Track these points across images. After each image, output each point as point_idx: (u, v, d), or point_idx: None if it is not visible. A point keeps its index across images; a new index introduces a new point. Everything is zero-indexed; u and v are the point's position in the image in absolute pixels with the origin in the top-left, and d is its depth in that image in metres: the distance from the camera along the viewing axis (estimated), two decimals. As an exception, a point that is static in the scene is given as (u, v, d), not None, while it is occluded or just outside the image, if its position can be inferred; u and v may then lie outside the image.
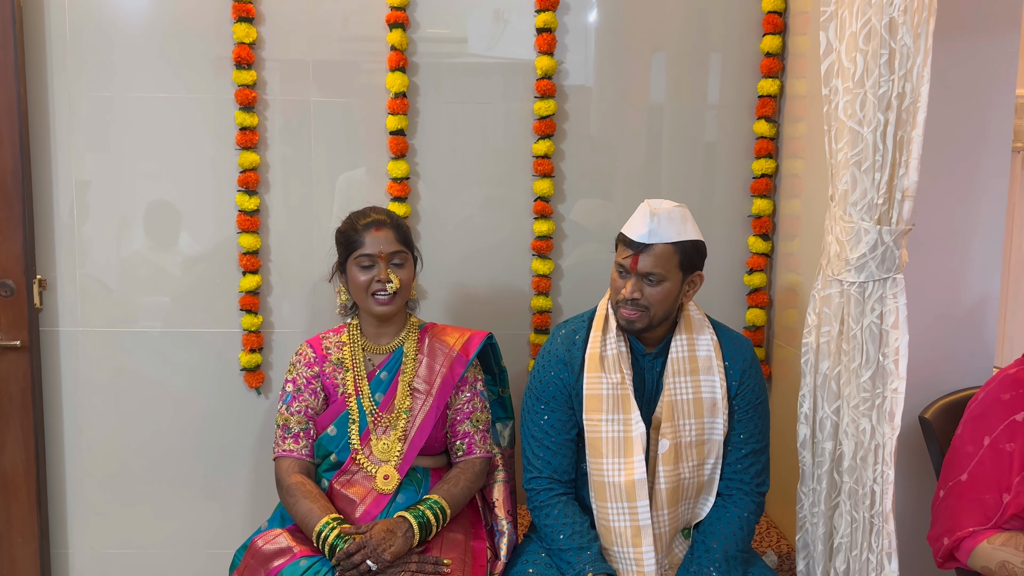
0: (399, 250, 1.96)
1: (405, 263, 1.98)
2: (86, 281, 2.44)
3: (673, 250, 1.78)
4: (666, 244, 1.77)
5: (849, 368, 1.74)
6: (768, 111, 2.46)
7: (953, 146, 1.97)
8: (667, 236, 1.77)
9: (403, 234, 1.99)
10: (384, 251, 1.94)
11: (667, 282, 1.79)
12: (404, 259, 1.97)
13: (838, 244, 1.74)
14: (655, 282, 1.79)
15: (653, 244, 1.77)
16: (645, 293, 1.79)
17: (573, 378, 1.90)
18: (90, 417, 2.50)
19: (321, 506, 1.86)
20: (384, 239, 1.95)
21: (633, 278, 1.80)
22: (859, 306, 1.71)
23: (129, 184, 2.42)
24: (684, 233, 1.79)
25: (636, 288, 1.79)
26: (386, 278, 1.93)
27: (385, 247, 1.94)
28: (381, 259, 1.94)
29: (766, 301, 2.54)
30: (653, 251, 1.77)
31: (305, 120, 2.43)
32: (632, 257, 1.79)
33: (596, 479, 1.87)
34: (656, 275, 1.78)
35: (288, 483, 1.92)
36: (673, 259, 1.79)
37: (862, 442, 1.71)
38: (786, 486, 2.32)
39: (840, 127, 1.72)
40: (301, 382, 2.00)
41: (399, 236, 1.97)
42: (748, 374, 1.91)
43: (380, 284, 1.94)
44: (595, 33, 2.47)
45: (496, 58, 2.47)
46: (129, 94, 2.38)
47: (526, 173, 2.49)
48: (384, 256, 1.94)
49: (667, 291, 1.80)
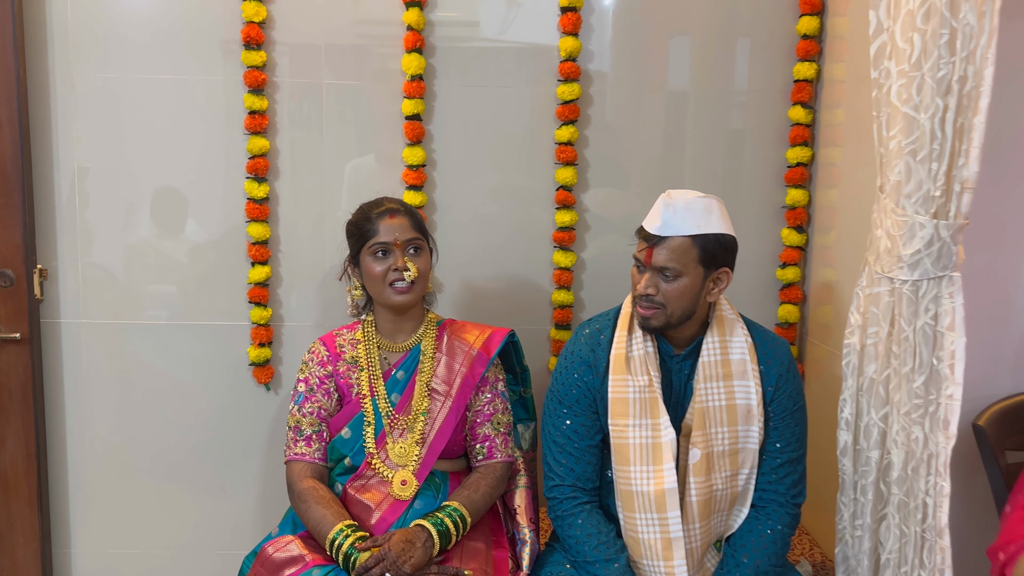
0: (415, 237, 1.87)
1: (421, 251, 1.88)
2: (89, 271, 2.35)
3: (691, 243, 1.67)
4: (683, 237, 1.67)
5: (900, 372, 1.62)
6: (804, 96, 2.34)
7: (1016, 134, 1.84)
8: (684, 228, 1.67)
9: (417, 221, 1.90)
10: (400, 238, 1.85)
11: (684, 278, 1.68)
12: (420, 246, 1.88)
13: (889, 239, 1.62)
14: (671, 277, 1.68)
15: (668, 237, 1.67)
16: (661, 289, 1.69)
17: (598, 381, 1.81)
18: (93, 412, 2.42)
19: (335, 512, 1.77)
20: (399, 226, 1.85)
21: (648, 273, 1.70)
22: (912, 306, 1.60)
23: (134, 170, 2.32)
24: (706, 225, 1.68)
25: (651, 283, 1.69)
26: (403, 266, 1.84)
27: (400, 234, 1.85)
28: (397, 247, 1.84)
29: (800, 297, 2.42)
30: (668, 244, 1.67)
31: (317, 104, 2.32)
32: (647, 250, 1.69)
33: (623, 488, 1.77)
34: (671, 270, 1.68)
35: (300, 488, 1.83)
36: (690, 253, 1.68)
37: (913, 452, 1.60)
38: (818, 491, 2.21)
39: (893, 113, 1.60)
40: (314, 382, 1.91)
41: (414, 223, 1.88)
42: (785, 378, 1.80)
43: (397, 273, 1.84)
44: (612, 16, 2.35)
45: (513, 42, 2.35)
46: (133, 76, 2.28)
47: (547, 161, 2.37)
48: (400, 243, 1.85)
49: (684, 288, 1.69)
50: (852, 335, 1.77)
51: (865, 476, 1.73)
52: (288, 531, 1.87)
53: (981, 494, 1.85)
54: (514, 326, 2.07)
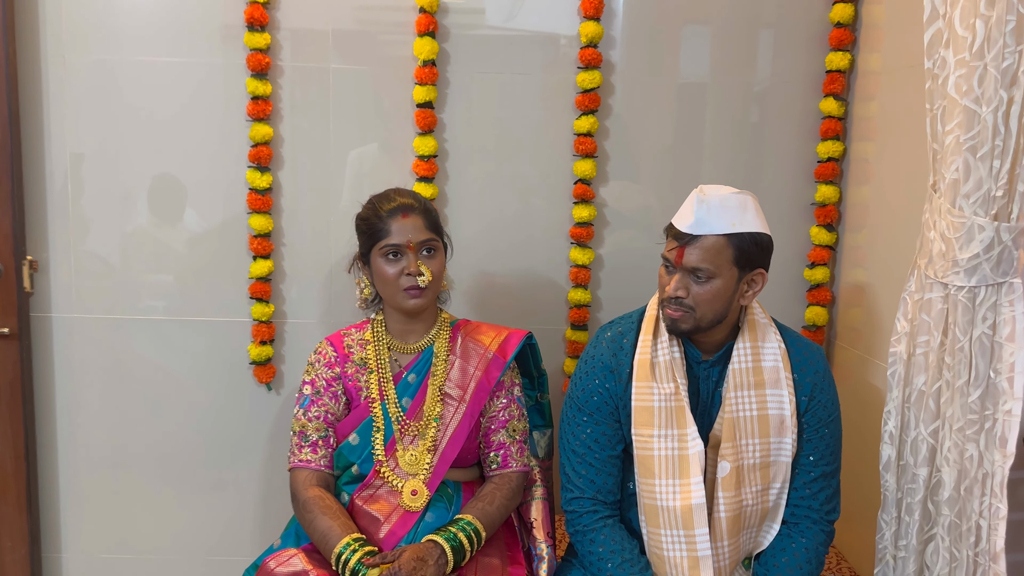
0: (430, 238, 1.75)
1: (436, 252, 1.77)
2: (82, 263, 2.24)
3: (725, 242, 1.56)
4: (717, 236, 1.55)
5: (953, 385, 1.51)
6: (837, 88, 2.22)
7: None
8: (718, 226, 1.55)
9: (432, 219, 1.78)
10: (413, 240, 1.73)
11: (717, 280, 1.57)
12: (435, 247, 1.77)
13: (943, 242, 1.51)
14: (703, 279, 1.57)
15: (701, 235, 1.56)
16: (692, 291, 1.59)
17: (620, 388, 1.70)
18: (85, 411, 2.31)
19: (342, 524, 1.66)
20: (412, 226, 1.73)
21: (678, 274, 1.59)
22: (968, 314, 1.48)
23: (130, 157, 2.21)
24: (742, 223, 1.56)
25: (681, 285, 1.58)
26: (417, 271, 1.72)
27: (414, 235, 1.73)
28: (410, 249, 1.72)
29: (829, 299, 2.31)
30: (701, 243, 1.56)
31: (323, 90, 2.20)
32: (677, 250, 1.58)
33: (647, 502, 1.67)
34: (704, 271, 1.56)
35: (305, 497, 1.72)
36: (725, 253, 1.56)
37: (967, 470, 1.49)
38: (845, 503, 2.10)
39: (950, 106, 1.48)
40: (320, 384, 1.80)
41: (428, 222, 1.76)
42: (820, 387, 1.70)
43: (410, 278, 1.73)
44: (623, 4, 2.23)
45: (528, 31, 2.23)
46: (130, 58, 2.17)
47: (564, 152, 2.25)
48: (413, 246, 1.73)
49: (717, 290, 1.58)
50: (898, 343, 1.66)
51: (912, 494, 1.62)
52: (291, 543, 1.77)
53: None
54: (528, 326, 1.97)
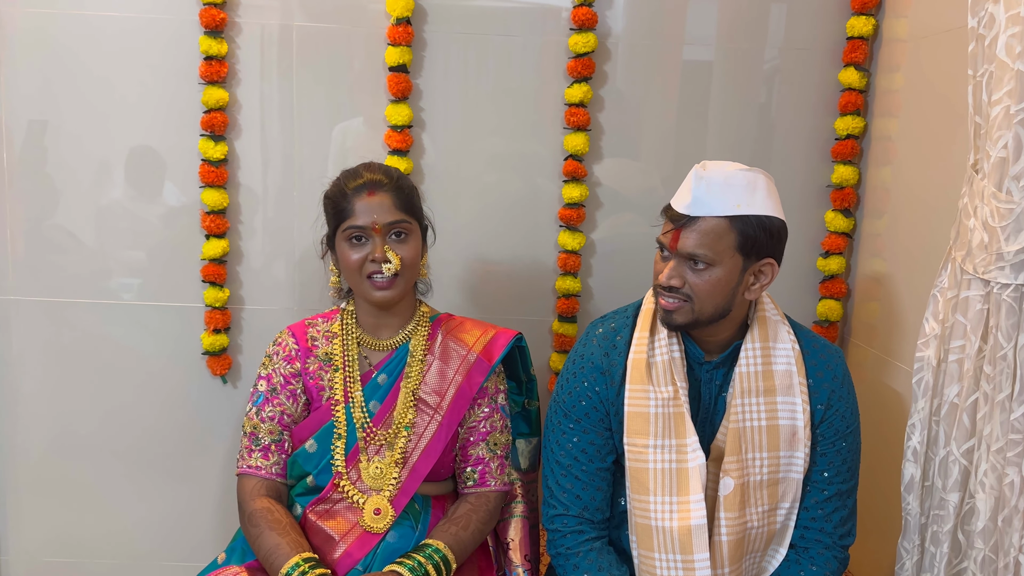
0: (400, 219, 1.53)
1: (409, 235, 1.55)
2: (22, 243, 2.05)
3: (727, 226, 1.37)
4: (718, 218, 1.37)
5: (992, 399, 1.30)
6: (859, 57, 2.00)
7: None
8: (718, 207, 1.36)
9: (405, 198, 1.56)
10: (379, 221, 1.51)
11: (717, 268, 1.39)
12: (407, 229, 1.55)
13: (986, 231, 1.29)
14: (701, 267, 1.39)
15: (699, 217, 1.37)
16: (688, 280, 1.40)
17: (612, 391, 1.51)
18: (24, 402, 2.13)
19: (291, 541, 1.47)
20: (379, 205, 1.52)
21: (674, 260, 1.41)
22: (1013, 317, 1.27)
23: (78, 125, 2.00)
24: (748, 205, 1.37)
25: (676, 273, 1.41)
26: (382, 256, 1.51)
27: (380, 216, 1.51)
28: (376, 232, 1.51)
29: (844, 291, 2.10)
30: (698, 226, 1.37)
31: (287, 50, 1.98)
32: (672, 232, 1.40)
33: (640, 521, 1.48)
34: (702, 257, 1.38)
35: (251, 509, 1.53)
36: (727, 238, 1.38)
37: (1006, 498, 1.28)
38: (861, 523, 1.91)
39: (1000, 71, 1.26)
40: (277, 380, 1.60)
41: (400, 201, 1.54)
42: (838, 395, 1.51)
43: (375, 264, 1.52)
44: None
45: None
46: (67, 11, 1.94)
47: (555, 125, 2.04)
48: (379, 228, 1.51)
49: (717, 280, 1.39)
50: (926, 347, 1.44)
51: (939, 522, 1.41)
52: (236, 559, 1.59)
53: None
54: (511, 317, 1.77)
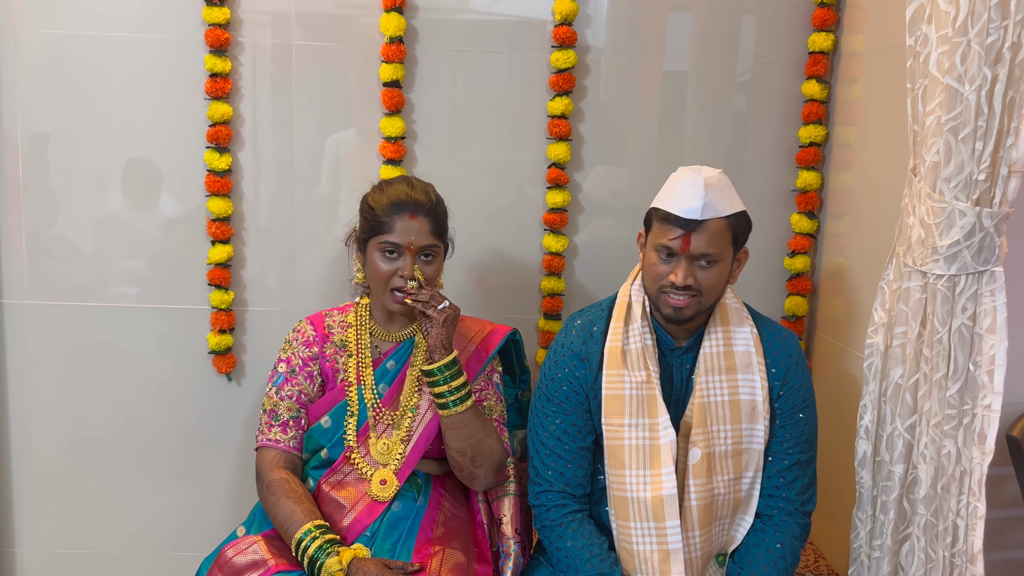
0: (432, 244, 1.68)
1: (435, 258, 1.70)
2: (37, 248, 2.16)
3: (727, 225, 1.53)
4: (720, 219, 1.52)
5: (931, 378, 1.44)
6: (820, 70, 2.15)
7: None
8: (721, 209, 1.51)
9: (439, 223, 1.70)
10: (415, 244, 1.66)
11: (721, 263, 1.55)
12: (435, 252, 1.70)
13: (923, 227, 1.44)
14: (710, 264, 1.53)
15: (707, 220, 1.50)
16: (698, 278, 1.53)
17: (591, 376, 1.64)
18: (40, 402, 2.23)
19: (305, 509, 1.61)
20: (417, 229, 1.66)
21: (684, 261, 1.53)
22: (947, 304, 1.41)
23: (88, 138, 2.11)
24: (735, 204, 1.55)
25: (688, 273, 1.52)
26: (411, 275, 1.65)
27: (417, 239, 1.66)
28: (410, 252, 1.66)
29: (809, 288, 2.24)
30: (707, 228, 1.51)
31: (287, 67, 2.11)
32: (683, 237, 1.51)
33: (617, 494, 1.61)
34: (712, 255, 1.52)
35: (270, 479, 1.67)
36: (727, 235, 1.54)
37: (944, 467, 1.42)
38: (828, 499, 2.04)
39: (932, 84, 1.41)
40: (296, 363, 1.74)
41: (434, 226, 1.68)
42: (793, 372, 1.64)
43: (402, 280, 1.66)
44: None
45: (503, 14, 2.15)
46: (83, 32, 2.07)
47: (539, 136, 2.17)
48: (413, 249, 1.66)
49: (721, 273, 1.55)
50: (875, 334, 1.59)
51: (887, 492, 1.55)
52: (254, 530, 1.71)
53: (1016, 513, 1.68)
54: (499, 314, 1.89)
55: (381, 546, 1.64)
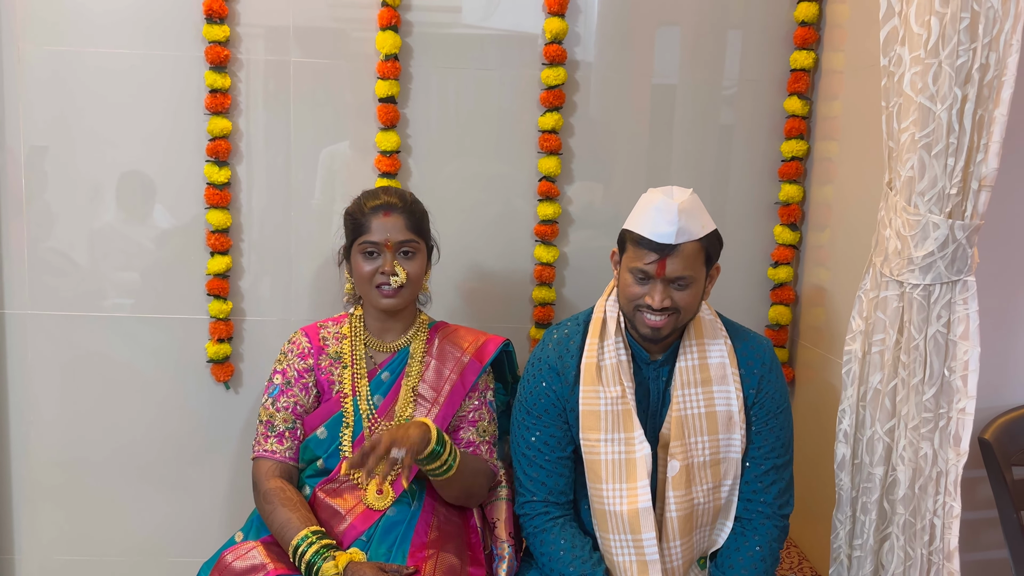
0: (409, 239, 1.74)
1: (416, 253, 1.76)
2: (38, 259, 2.19)
3: (700, 247, 1.56)
4: (693, 242, 1.54)
5: (908, 383, 1.51)
6: (801, 87, 2.22)
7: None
8: (694, 232, 1.54)
9: (416, 221, 1.77)
10: (391, 239, 1.72)
11: (696, 283, 1.58)
12: (415, 249, 1.76)
13: (899, 239, 1.51)
14: (685, 286, 1.56)
15: (680, 244, 1.53)
16: (675, 299, 1.57)
17: (567, 390, 1.69)
18: (40, 409, 2.26)
19: (301, 517, 1.65)
20: (392, 225, 1.73)
21: (660, 284, 1.56)
22: (923, 312, 1.48)
23: (90, 152, 2.16)
24: (707, 225, 1.57)
25: (666, 295, 1.55)
26: (391, 270, 1.72)
27: (393, 235, 1.72)
28: (387, 248, 1.72)
29: (792, 298, 2.31)
30: (682, 252, 1.53)
31: (284, 83, 2.17)
32: (658, 262, 1.54)
33: (597, 507, 1.67)
34: (687, 278, 1.55)
35: (266, 488, 1.71)
36: (700, 257, 1.57)
37: (921, 469, 1.49)
38: (809, 503, 2.11)
39: (906, 103, 1.48)
40: (292, 375, 1.79)
41: (411, 223, 1.75)
42: (767, 379, 1.69)
43: (384, 276, 1.72)
44: (598, 4, 2.22)
45: (495, 29, 2.21)
46: (87, 50, 2.12)
47: (530, 150, 2.23)
48: (391, 245, 1.72)
49: (696, 293, 1.59)
50: (853, 341, 1.65)
51: (868, 493, 1.61)
52: (252, 535, 1.75)
53: (988, 514, 1.74)
54: (492, 324, 1.94)
55: (376, 550, 1.68)
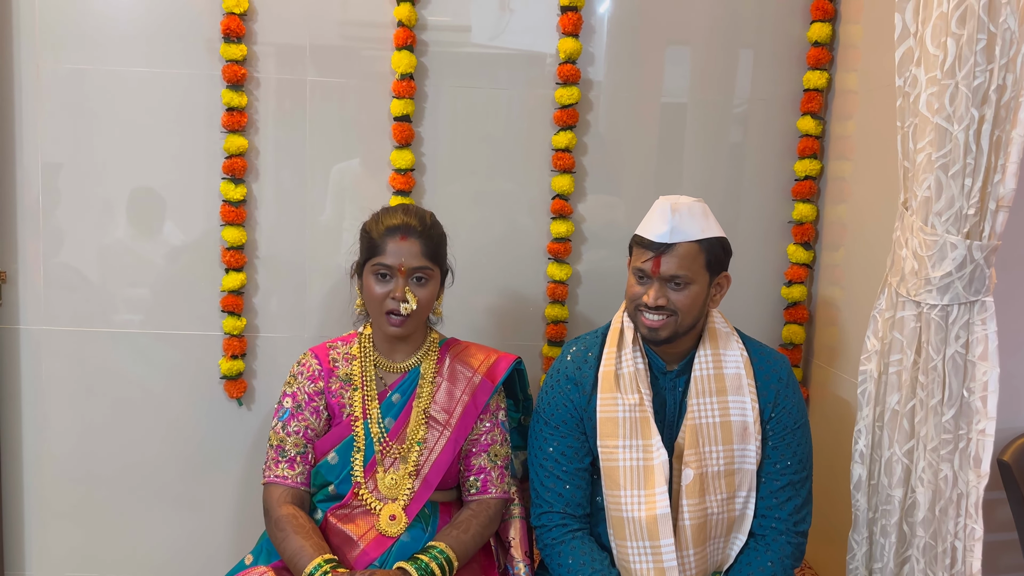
0: (424, 266, 1.69)
1: (429, 281, 1.71)
2: (53, 274, 2.20)
3: (698, 248, 1.59)
4: (690, 242, 1.58)
5: (927, 404, 1.50)
6: (814, 107, 2.23)
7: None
8: (691, 233, 1.58)
9: (433, 246, 1.71)
10: (406, 265, 1.67)
11: (694, 285, 1.60)
12: (429, 276, 1.70)
13: (915, 259, 1.50)
14: (681, 286, 1.59)
15: (676, 243, 1.58)
16: (671, 299, 1.60)
17: (585, 399, 1.70)
18: (53, 426, 2.26)
19: (314, 544, 1.61)
20: (408, 251, 1.67)
21: (656, 283, 1.60)
22: (941, 333, 1.48)
23: (105, 168, 2.17)
24: (708, 229, 1.60)
25: (660, 294, 1.59)
26: (402, 296, 1.66)
27: (408, 260, 1.67)
28: (400, 273, 1.67)
29: (806, 317, 2.31)
30: (676, 251, 1.58)
31: (300, 102, 2.18)
32: (653, 260, 1.59)
33: (614, 514, 1.66)
34: (682, 278, 1.59)
35: (278, 515, 1.68)
36: (699, 259, 1.60)
37: (941, 491, 1.48)
38: (826, 523, 2.09)
39: (922, 124, 1.48)
40: (302, 398, 1.76)
41: (427, 248, 1.70)
42: (783, 394, 1.69)
43: (395, 302, 1.67)
44: (607, 24, 2.24)
45: (506, 48, 2.23)
46: (105, 68, 2.14)
47: (542, 168, 2.24)
48: (404, 270, 1.67)
49: (695, 295, 1.61)
50: (868, 361, 1.65)
51: (887, 516, 1.60)
52: (262, 560, 1.73)
53: (1007, 537, 1.72)
54: (504, 342, 1.94)
55: None
